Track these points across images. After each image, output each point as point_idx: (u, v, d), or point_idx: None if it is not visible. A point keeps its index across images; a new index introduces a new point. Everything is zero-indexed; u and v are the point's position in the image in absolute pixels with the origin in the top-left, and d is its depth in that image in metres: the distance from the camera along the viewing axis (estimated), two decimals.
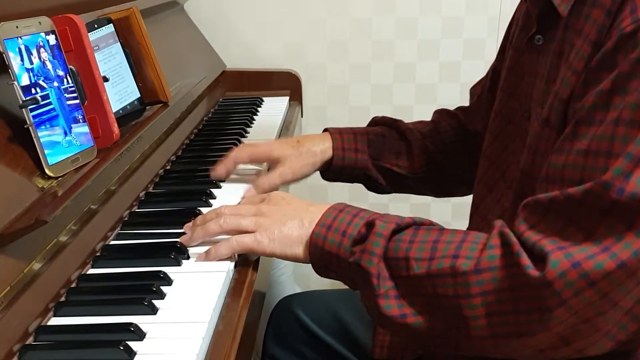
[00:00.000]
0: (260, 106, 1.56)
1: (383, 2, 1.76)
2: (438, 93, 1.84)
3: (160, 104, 1.10)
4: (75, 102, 0.83)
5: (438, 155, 1.11)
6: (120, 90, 1.02)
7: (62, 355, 0.64)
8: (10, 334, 0.64)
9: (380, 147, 1.10)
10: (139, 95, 1.06)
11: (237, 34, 1.77)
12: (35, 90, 0.76)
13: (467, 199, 0.99)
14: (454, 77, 1.82)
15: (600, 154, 0.63)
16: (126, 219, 0.93)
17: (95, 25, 0.99)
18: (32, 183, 0.74)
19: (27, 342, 0.66)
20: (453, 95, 1.82)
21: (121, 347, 0.62)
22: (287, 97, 1.65)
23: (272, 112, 1.53)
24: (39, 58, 0.78)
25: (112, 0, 1.09)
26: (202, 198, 0.97)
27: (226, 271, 0.77)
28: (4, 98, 0.75)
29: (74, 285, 0.76)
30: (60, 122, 0.79)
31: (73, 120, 0.81)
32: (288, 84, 1.70)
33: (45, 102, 0.77)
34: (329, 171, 1.10)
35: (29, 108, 0.74)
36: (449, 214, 1.93)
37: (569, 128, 0.68)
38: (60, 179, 0.77)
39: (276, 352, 1.10)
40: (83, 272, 0.79)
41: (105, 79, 0.92)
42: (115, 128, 0.89)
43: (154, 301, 0.71)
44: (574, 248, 0.63)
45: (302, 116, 1.69)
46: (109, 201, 0.89)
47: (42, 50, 0.79)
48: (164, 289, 0.74)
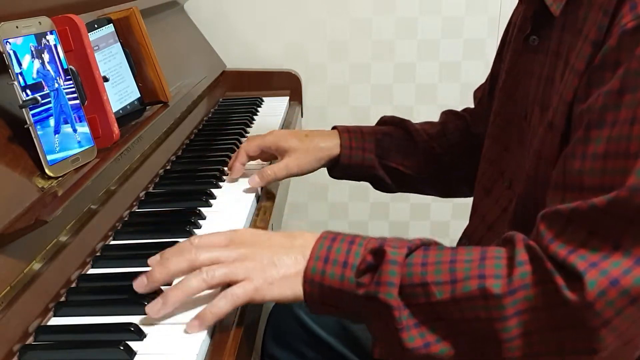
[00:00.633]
0: (260, 106, 1.56)
1: (383, 2, 1.76)
2: (438, 93, 1.84)
3: (160, 104, 1.10)
4: (76, 102, 0.83)
5: (444, 156, 1.11)
6: (120, 90, 1.02)
7: (62, 355, 0.64)
8: (10, 334, 0.64)
9: (388, 147, 1.10)
10: (139, 95, 1.06)
11: (237, 34, 1.78)
12: (35, 90, 0.76)
13: (467, 199, 0.99)
14: (454, 77, 1.82)
15: (619, 156, 0.60)
16: (126, 219, 0.93)
17: (95, 25, 0.99)
18: (32, 183, 0.74)
19: (27, 342, 0.66)
20: (453, 95, 1.82)
21: (121, 347, 0.62)
22: (287, 97, 1.65)
23: (272, 112, 1.53)
24: (39, 58, 0.78)
25: (112, 0, 1.10)
26: (202, 198, 0.97)
27: None
28: (4, 98, 0.75)
29: (74, 285, 0.76)
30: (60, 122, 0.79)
31: (73, 121, 0.81)
32: (288, 84, 1.70)
33: (45, 102, 0.77)
34: (335, 169, 1.10)
35: (29, 108, 0.74)
36: (449, 214, 1.93)
37: (580, 132, 0.65)
38: (60, 179, 0.77)
39: (276, 352, 1.10)
40: (83, 272, 0.79)
41: (105, 79, 0.92)
42: (115, 128, 0.89)
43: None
44: (606, 263, 0.60)
45: (302, 116, 1.69)
46: (109, 201, 0.89)
47: (42, 50, 0.79)
48: (164, 288, 0.74)
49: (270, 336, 1.12)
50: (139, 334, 0.65)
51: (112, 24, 1.03)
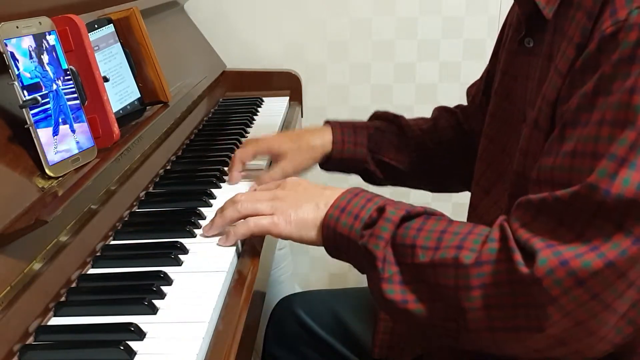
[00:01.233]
0: (260, 106, 1.56)
1: (383, 2, 1.76)
2: (438, 93, 1.84)
3: (161, 104, 1.10)
4: (76, 102, 0.83)
5: (435, 152, 1.12)
6: (121, 91, 1.02)
7: (62, 355, 0.65)
8: (11, 333, 0.64)
9: (380, 141, 1.11)
10: (139, 95, 1.06)
11: (237, 34, 1.78)
12: (35, 91, 0.76)
13: (467, 198, 0.99)
14: (454, 77, 1.82)
15: (586, 156, 0.64)
16: (126, 219, 0.93)
17: (96, 26, 0.99)
18: (32, 183, 0.74)
19: (27, 342, 0.66)
20: (453, 95, 1.82)
21: (121, 347, 0.63)
22: (287, 97, 1.65)
23: (272, 112, 1.53)
24: (39, 58, 0.78)
25: (112, 0, 1.10)
26: (202, 198, 0.97)
27: (226, 271, 0.78)
28: (4, 98, 0.75)
29: (74, 285, 0.76)
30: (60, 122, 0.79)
31: (73, 121, 0.81)
32: (288, 84, 1.70)
33: (45, 102, 0.77)
34: (327, 162, 1.11)
35: (29, 108, 0.74)
36: (448, 214, 1.92)
37: (556, 130, 0.69)
38: (60, 179, 0.77)
39: (276, 351, 1.10)
40: (83, 272, 0.79)
41: (106, 79, 0.92)
42: (116, 128, 0.89)
43: (154, 301, 0.71)
44: (562, 247, 0.63)
45: (302, 116, 1.69)
46: (109, 201, 0.89)
47: (42, 50, 0.79)
48: (164, 288, 0.74)
49: (271, 336, 1.12)
50: (139, 334, 0.65)
51: (112, 24, 1.03)
